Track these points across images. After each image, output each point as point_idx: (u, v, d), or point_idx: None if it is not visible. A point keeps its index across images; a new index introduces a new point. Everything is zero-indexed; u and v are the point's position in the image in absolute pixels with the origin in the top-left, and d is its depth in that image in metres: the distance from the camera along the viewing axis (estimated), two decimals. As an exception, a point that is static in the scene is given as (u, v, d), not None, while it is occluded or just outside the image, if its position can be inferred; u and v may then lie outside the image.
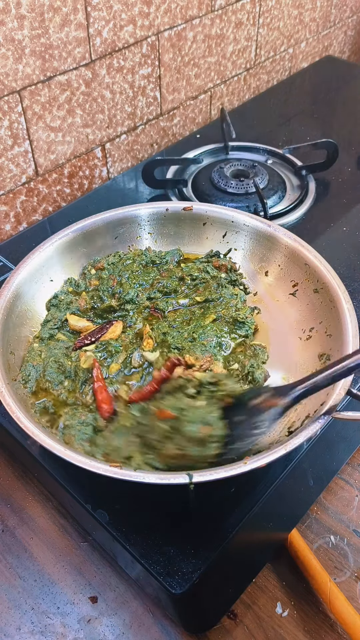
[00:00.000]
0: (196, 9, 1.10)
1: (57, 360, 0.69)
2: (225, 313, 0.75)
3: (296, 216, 0.97)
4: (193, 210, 0.83)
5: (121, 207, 0.83)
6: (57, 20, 0.89)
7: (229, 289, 0.79)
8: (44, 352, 0.70)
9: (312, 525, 0.73)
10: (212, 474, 0.53)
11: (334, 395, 0.58)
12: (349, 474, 0.78)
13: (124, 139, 1.12)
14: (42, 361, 0.69)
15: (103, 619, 0.66)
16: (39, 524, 0.74)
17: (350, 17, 1.59)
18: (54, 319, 0.75)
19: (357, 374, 0.71)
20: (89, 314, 0.76)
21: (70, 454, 0.55)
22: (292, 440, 0.55)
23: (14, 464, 0.79)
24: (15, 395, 0.62)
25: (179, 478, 0.53)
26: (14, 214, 1.00)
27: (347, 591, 0.67)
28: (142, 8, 1.00)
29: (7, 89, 0.88)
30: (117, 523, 0.60)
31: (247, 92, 1.38)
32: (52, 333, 0.73)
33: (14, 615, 0.66)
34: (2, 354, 0.66)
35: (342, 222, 0.96)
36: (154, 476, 0.53)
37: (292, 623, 0.65)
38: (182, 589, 0.55)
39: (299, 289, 0.76)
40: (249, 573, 0.68)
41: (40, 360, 0.69)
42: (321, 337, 0.70)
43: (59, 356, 0.69)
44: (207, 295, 0.77)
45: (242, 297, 0.78)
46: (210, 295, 0.77)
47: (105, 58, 0.99)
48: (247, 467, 0.53)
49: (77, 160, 1.05)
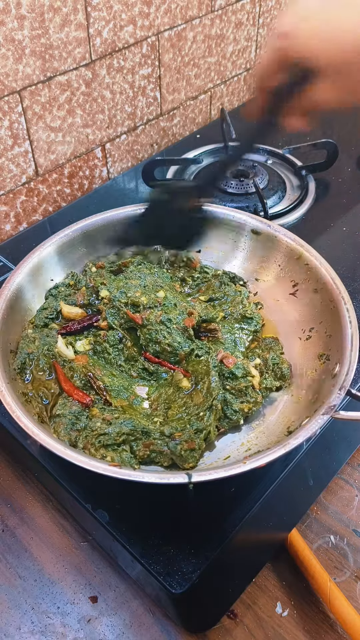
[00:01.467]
0: (196, 9, 1.10)
1: (50, 349, 0.69)
2: (232, 310, 0.75)
3: (296, 216, 0.97)
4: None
5: (122, 207, 0.83)
6: (57, 21, 0.89)
7: (232, 286, 0.79)
8: (37, 340, 0.70)
9: (312, 525, 0.73)
10: (212, 473, 0.53)
11: (334, 395, 0.58)
12: (349, 474, 0.78)
13: (124, 139, 1.12)
14: (35, 349, 0.69)
15: (103, 619, 0.66)
16: (39, 524, 0.74)
17: (350, 17, 1.59)
18: (50, 308, 0.75)
19: (357, 375, 0.71)
20: (85, 309, 0.76)
21: (70, 454, 0.55)
22: (291, 440, 0.55)
23: (14, 464, 0.79)
24: (16, 394, 0.62)
25: (178, 478, 0.53)
26: (14, 214, 1.00)
27: (347, 591, 0.67)
28: (142, 8, 1.00)
29: (7, 89, 0.88)
30: (117, 523, 0.60)
31: (247, 92, 1.38)
32: (47, 322, 0.74)
33: (14, 615, 0.66)
34: (2, 353, 0.66)
35: (342, 222, 0.96)
36: (153, 476, 0.53)
37: (292, 623, 0.65)
38: (182, 589, 0.55)
39: (298, 289, 0.76)
40: (249, 573, 0.68)
41: (34, 347, 0.69)
42: (321, 337, 0.70)
43: (51, 345, 0.70)
44: (210, 294, 0.78)
45: (245, 294, 0.78)
46: (214, 293, 0.78)
47: (105, 58, 1.00)
48: (246, 467, 0.53)
49: (77, 160, 1.05)
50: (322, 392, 0.62)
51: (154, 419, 0.65)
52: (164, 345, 0.69)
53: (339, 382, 0.60)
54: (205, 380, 0.65)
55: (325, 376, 0.65)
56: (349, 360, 0.62)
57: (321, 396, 0.61)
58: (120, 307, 0.72)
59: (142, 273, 0.77)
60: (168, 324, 0.70)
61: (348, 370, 0.60)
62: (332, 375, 0.62)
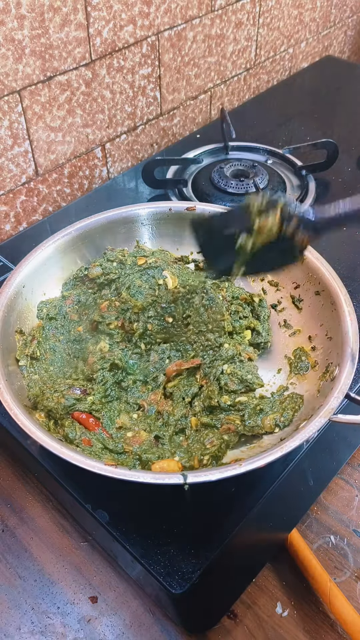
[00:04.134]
0: (196, 9, 1.10)
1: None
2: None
3: (296, 216, 0.97)
4: (196, 210, 0.83)
5: (123, 207, 0.83)
6: (57, 20, 0.89)
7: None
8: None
9: (312, 525, 0.73)
10: (207, 475, 0.53)
11: (332, 398, 0.58)
12: (349, 474, 0.78)
13: (124, 139, 1.12)
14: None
15: (103, 619, 0.66)
16: (39, 524, 0.74)
17: (350, 17, 1.59)
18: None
19: (357, 376, 0.71)
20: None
21: (70, 454, 0.55)
22: (288, 442, 0.55)
23: (14, 464, 0.79)
24: (14, 392, 0.62)
25: (173, 478, 0.53)
26: (14, 214, 1.00)
27: (347, 591, 0.67)
28: (142, 8, 1.00)
29: (7, 89, 0.88)
30: (117, 523, 0.60)
31: (247, 92, 1.38)
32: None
33: (14, 615, 0.66)
34: (2, 353, 0.66)
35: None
36: (148, 475, 0.54)
37: (292, 623, 0.65)
38: (182, 589, 0.55)
39: (300, 291, 0.76)
40: (249, 573, 0.68)
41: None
42: (322, 340, 0.70)
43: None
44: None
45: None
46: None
47: (105, 58, 0.99)
48: (242, 469, 0.53)
49: (77, 160, 1.05)
50: (321, 394, 0.62)
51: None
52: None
53: (337, 385, 0.60)
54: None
55: (324, 379, 0.65)
56: (348, 363, 0.62)
57: (320, 399, 0.61)
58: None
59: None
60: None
61: (347, 373, 0.60)
62: (332, 378, 0.62)
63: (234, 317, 0.73)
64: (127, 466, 0.59)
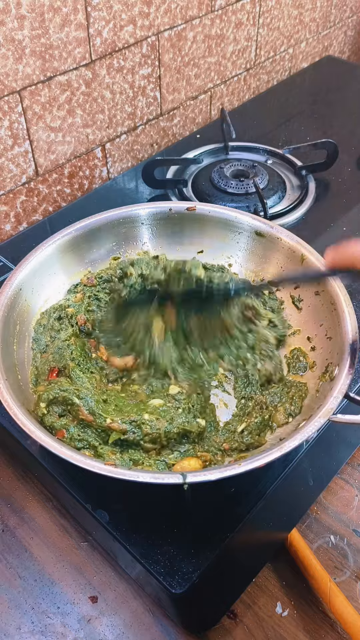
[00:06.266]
0: (196, 9, 1.10)
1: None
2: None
3: (296, 216, 0.97)
4: (196, 210, 0.83)
5: (123, 207, 0.83)
6: (57, 21, 0.89)
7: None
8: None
9: (312, 525, 0.73)
10: (206, 474, 0.53)
11: (332, 398, 0.58)
12: (349, 474, 0.78)
13: (124, 139, 1.12)
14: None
15: (103, 619, 0.66)
16: (39, 523, 0.74)
17: (350, 17, 1.59)
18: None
19: (357, 376, 0.71)
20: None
21: (69, 454, 0.55)
22: (287, 443, 0.55)
23: (14, 464, 0.79)
24: (14, 391, 0.62)
25: (172, 478, 0.53)
26: (14, 214, 1.00)
27: (347, 591, 0.67)
28: (142, 8, 1.00)
29: (7, 89, 0.88)
30: (117, 523, 0.60)
31: (247, 92, 1.38)
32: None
33: (14, 615, 0.66)
34: (2, 352, 0.66)
35: (342, 222, 0.96)
36: (147, 475, 0.53)
37: (292, 623, 0.66)
38: (182, 589, 0.55)
39: (300, 291, 0.76)
40: (249, 573, 0.68)
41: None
42: (321, 340, 0.70)
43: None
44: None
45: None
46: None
47: (105, 58, 0.99)
48: (241, 469, 0.53)
49: (77, 160, 1.05)
50: (321, 394, 0.62)
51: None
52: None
53: (337, 385, 0.60)
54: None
55: (324, 379, 0.65)
56: (348, 363, 0.62)
57: (319, 399, 0.61)
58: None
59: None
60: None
61: (347, 373, 0.60)
62: (331, 378, 0.62)
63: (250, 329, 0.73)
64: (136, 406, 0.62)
